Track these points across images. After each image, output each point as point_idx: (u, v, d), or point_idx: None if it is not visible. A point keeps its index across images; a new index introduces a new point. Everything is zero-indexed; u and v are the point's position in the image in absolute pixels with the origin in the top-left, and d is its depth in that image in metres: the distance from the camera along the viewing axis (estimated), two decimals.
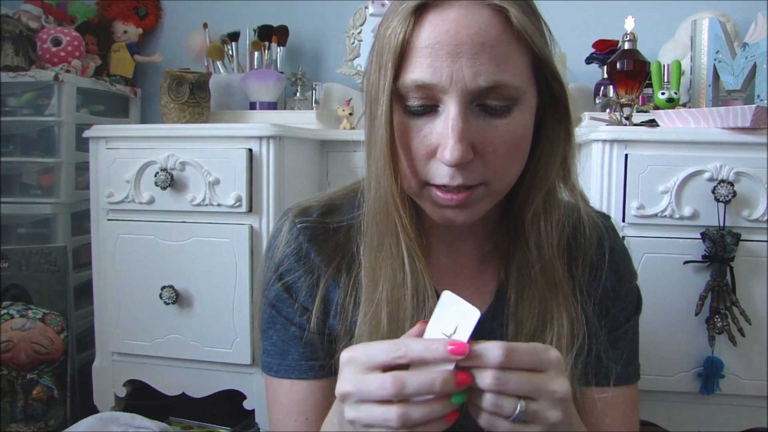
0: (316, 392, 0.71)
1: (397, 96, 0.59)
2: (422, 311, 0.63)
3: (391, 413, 0.48)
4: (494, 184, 0.61)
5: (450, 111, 0.57)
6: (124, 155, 1.47)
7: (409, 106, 0.59)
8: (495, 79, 0.56)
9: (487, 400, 0.49)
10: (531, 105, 0.61)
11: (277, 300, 0.72)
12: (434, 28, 0.57)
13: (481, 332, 0.69)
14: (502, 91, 0.57)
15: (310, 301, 0.70)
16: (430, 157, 0.59)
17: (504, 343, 0.49)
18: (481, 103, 0.58)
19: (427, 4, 0.58)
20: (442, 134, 0.58)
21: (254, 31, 1.91)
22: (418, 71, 0.57)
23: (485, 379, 0.49)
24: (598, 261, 0.72)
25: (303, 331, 0.71)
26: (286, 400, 0.72)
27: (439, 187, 0.60)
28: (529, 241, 0.66)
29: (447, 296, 0.51)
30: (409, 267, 0.63)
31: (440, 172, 0.59)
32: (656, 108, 1.33)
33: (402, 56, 0.58)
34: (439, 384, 0.48)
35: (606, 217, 0.78)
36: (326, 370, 0.71)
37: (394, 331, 0.63)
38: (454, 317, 0.50)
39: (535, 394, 0.50)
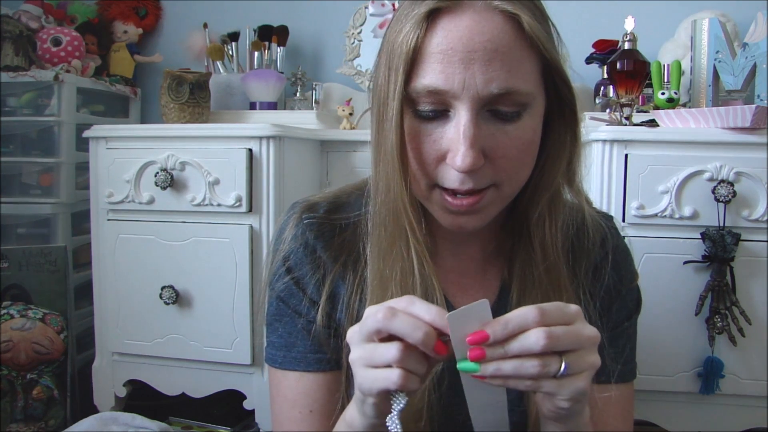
0: (322, 385, 0.71)
1: (407, 100, 0.59)
2: None
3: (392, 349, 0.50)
4: (504, 187, 0.61)
5: (461, 117, 0.57)
6: (124, 155, 1.47)
7: (420, 111, 0.59)
8: (507, 86, 0.57)
9: (532, 364, 0.48)
10: (540, 109, 0.62)
11: (285, 293, 0.72)
12: (447, 34, 0.57)
13: None
14: (513, 98, 0.57)
15: (317, 295, 0.71)
16: (440, 161, 0.59)
17: (532, 305, 0.50)
18: (492, 109, 0.58)
19: (439, 9, 0.58)
20: (453, 140, 0.58)
21: (254, 31, 1.91)
22: (429, 77, 0.57)
23: (536, 339, 0.48)
24: (601, 262, 0.72)
25: (311, 324, 0.71)
26: (291, 393, 0.72)
27: (448, 190, 0.60)
28: (533, 243, 0.66)
29: (451, 317, 0.50)
30: (419, 271, 0.62)
31: (450, 177, 0.59)
32: (656, 108, 1.33)
33: (413, 61, 0.58)
34: (422, 333, 0.49)
35: (608, 218, 0.78)
36: (332, 363, 0.71)
37: None
38: (472, 322, 0.50)
39: (578, 344, 0.50)
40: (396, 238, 0.63)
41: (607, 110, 1.44)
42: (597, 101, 1.64)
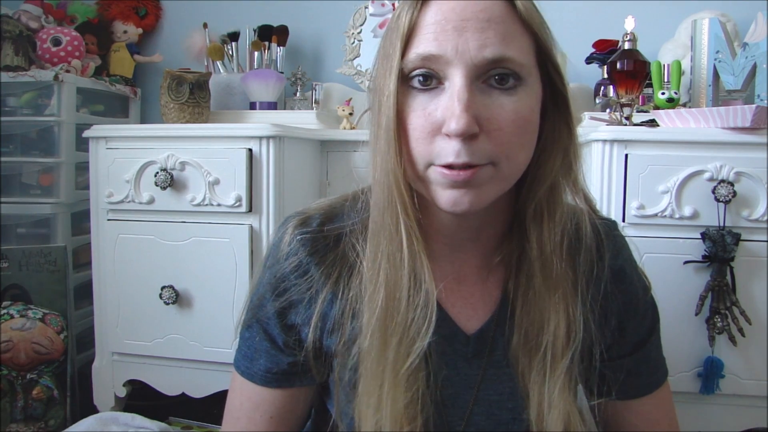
0: (279, 400, 0.73)
1: (403, 76, 0.60)
2: (418, 293, 0.62)
3: None
4: (502, 165, 0.59)
5: (455, 84, 0.57)
6: (124, 155, 1.47)
7: (415, 84, 0.59)
8: (500, 53, 0.57)
9: None
10: (536, 92, 0.61)
11: (265, 316, 0.72)
12: (440, 7, 0.59)
13: (483, 340, 0.70)
14: (507, 65, 0.58)
15: (304, 321, 0.70)
16: (435, 134, 0.58)
17: None
18: (487, 80, 0.58)
19: None
20: (447, 107, 0.57)
21: (254, 31, 1.91)
22: (423, 45, 0.58)
23: None
24: (597, 264, 0.71)
25: (276, 350, 0.72)
26: (255, 396, 0.74)
27: (444, 166, 0.59)
28: (531, 238, 0.66)
29: None
30: (407, 248, 0.62)
31: (446, 151, 0.58)
32: (656, 108, 1.33)
33: (409, 37, 0.59)
34: None
35: (611, 225, 0.76)
36: (291, 382, 0.73)
37: (391, 312, 0.63)
38: None
39: None
40: (386, 213, 0.62)
41: (607, 110, 1.45)
42: (597, 101, 1.64)
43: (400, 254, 0.62)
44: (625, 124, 1.29)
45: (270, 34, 1.90)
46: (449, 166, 0.58)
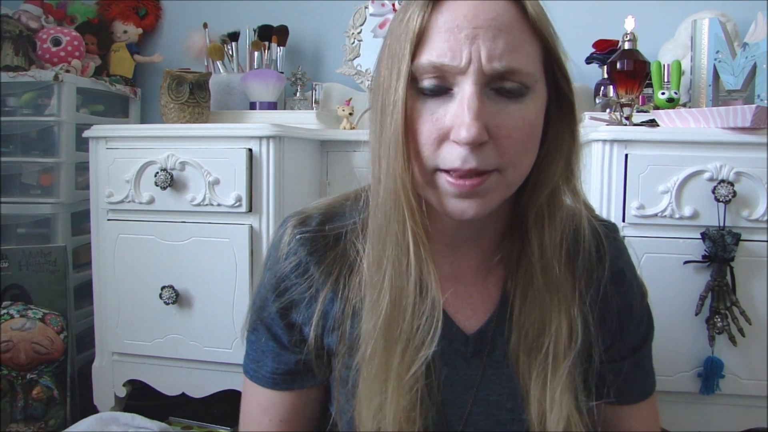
0: (288, 402, 0.73)
1: (411, 80, 0.59)
2: (425, 299, 0.62)
3: None
4: (507, 172, 0.60)
5: (465, 91, 0.57)
6: (124, 155, 1.47)
7: (424, 87, 0.59)
8: (509, 65, 0.57)
9: None
10: (542, 97, 0.61)
11: (268, 317, 0.72)
12: (453, 12, 0.58)
13: (483, 340, 0.70)
14: (515, 77, 0.58)
15: (305, 320, 0.70)
16: (443, 140, 0.58)
17: None
18: (495, 87, 0.58)
19: None
20: (456, 114, 0.57)
21: (254, 31, 1.91)
22: (436, 53, 0.58)
23: None
24: (596, 266, 0.71)
25: (282, 349, 0.72)
26: (264, 400, 0.74)
27: (450, 172, 0.58)
28: (532, 242, 0.66)
29: None
30: (414, 254, 0.62)
31: (452, 156, 0.58)
32: (656, 108, 1.33)
33: (419, 40, 0.59)
34: None
35: (611, 228, 0.76)
36: (299, 382, 0.73)
37: (396, 319, 0.62)
38: None
39: None
40: (393, 218, 0.62)
41: (607, 110, 1.45)
42: (597, 101, 1.64)
43: (407, 260, 0.62)
44: (625, 124, 1.29)
45: (270, 34, 1.90)
46: (455, 171, 0.58)
